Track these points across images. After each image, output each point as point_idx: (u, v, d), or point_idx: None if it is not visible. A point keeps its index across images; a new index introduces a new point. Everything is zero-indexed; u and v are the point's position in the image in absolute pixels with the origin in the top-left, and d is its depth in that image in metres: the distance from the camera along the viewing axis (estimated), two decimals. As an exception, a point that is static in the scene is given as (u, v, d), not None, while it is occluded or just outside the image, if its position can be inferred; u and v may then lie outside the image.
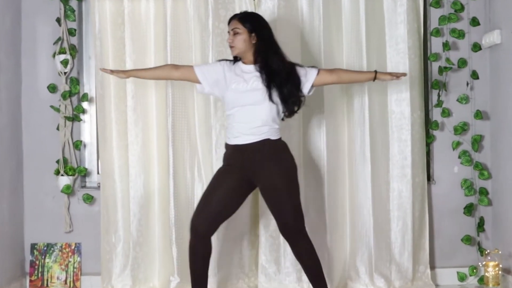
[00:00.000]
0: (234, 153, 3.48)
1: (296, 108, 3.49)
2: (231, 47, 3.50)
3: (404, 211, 4.17)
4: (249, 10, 3.99)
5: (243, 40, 3.47)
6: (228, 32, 3.51)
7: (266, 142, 3.43)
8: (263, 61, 3.45)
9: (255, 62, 3.48)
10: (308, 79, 3.51)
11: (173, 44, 4.09)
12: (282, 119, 3.52)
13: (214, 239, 3.93)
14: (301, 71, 3.52)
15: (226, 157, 3.54)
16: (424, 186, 4.20)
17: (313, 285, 3.56)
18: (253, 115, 3.42)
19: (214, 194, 3.46)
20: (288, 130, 4.14)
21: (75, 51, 4.29)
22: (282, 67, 3.46)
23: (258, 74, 3.45)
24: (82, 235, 4.30)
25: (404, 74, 3.59)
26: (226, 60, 3.62)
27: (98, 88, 4.17)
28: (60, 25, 4.28)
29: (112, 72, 3.61)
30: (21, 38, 4.34)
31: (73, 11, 4.29)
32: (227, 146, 3.53)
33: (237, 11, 4.12)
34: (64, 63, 4.23)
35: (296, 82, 3.47)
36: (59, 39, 4.26)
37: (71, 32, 4.30)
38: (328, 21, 4.16)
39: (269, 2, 4.14)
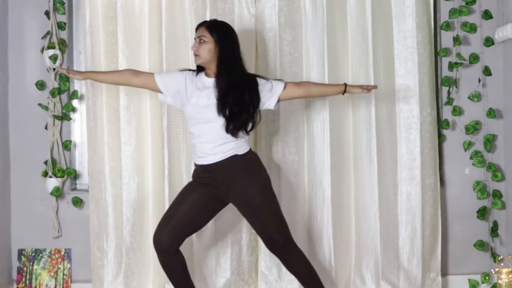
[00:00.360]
0: (202, 172, 3.37)
1: (249, 126, 3.34)
2: (195, 55, 3.35)
3: (413, 215, 4.01)
4: (251, 6, 3.92)
5: (208, 50, 3.34)
6: (195, 39, 3.35)
7: (234, 159, 3.31)
8: (222, 75, 3.31)
9: (216, 76, 3.34)
10: (273, 93, 3.37)
11: (169, 38, 3.94)
12: (247, 133, 3.36)
13: (212, 245, 3.95)
14: (265, 85, 3.36)
15: (195, 175, 3.44)
16: (436, 189, 4.03)
17: None
18: (215, 133, 3.30)
19: (178, 207, 3.36)
20: (290, 130, 4.04)
21: (64, 45, 4.18)
22: (239, 83, 3.31)
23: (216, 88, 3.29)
24: (72, 241, 4.17)
25: (375, 87, 3.45)
26: (189, 70, 3.48)
27: (88, 85, 4.00)
28: (49, 18, 4.15)
29: (68, 72, 3.47)
30: (7, 31, 4.21)
31: (62, 3, 4.16)
32: (195, 165, 3.42)
33: (236, 4, 4.02)
34: (53, 58, 4.12)
35: (253, 95, 3.33)
36: (48, 33, 4.13)
37: (60, 26, 4.21)
38: (332, 14, 4.01)
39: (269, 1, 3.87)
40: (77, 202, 4.14)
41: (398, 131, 4.06)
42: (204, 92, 3.34)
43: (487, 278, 4.12)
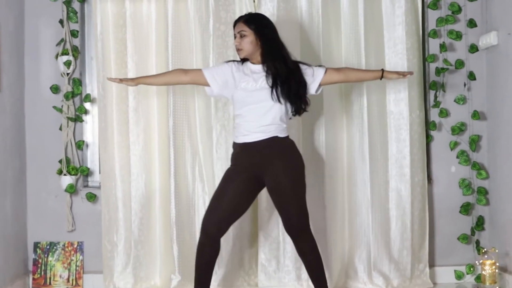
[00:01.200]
0: (242, 151, 3.46)
1: (303, 107, 3.48)
2: (238, 49, 3.48)
3: (403, 210, 4.14)
4: (252, 11, 4.00)
5: (250, 42, 3.47)
6: (234, 35, 3.48)
7: (274, 140, 3.42)
8: (269, 61, 3.44)
9: (263, 62, 3.47)
10: (315, 78, 3.50)
11: (174, 45, 4.08)
12: (290, 118, 3.52)
13: None
14: (307, 71, 3.50)
15: (234, 157, 3.52)
16: (424, 186, 4.16)
17: (313, 282, 3.53)
18: (261, 114, 3.42)
19: (224, 196, 3.45)
20: (288, 130, 4.10)
21: (77, 52, 4.31)
22: (285, 68, 3.44)
23: (265, 74, 3.43)
24: (84, 234, 4.29)
25: (411, 73, 3.58)
26: (234, 60, 3.60)
27: (100, 89, 4.14)
28: (63, 26, 4.27)
29: (121, 80, 3.56)
30: (24, 39, 4.32)
31: (75, 13, 4.28)
32: (235, 145, 3.51)
33: (238, 13, 4.11)
34: (67, 64, 4.24)
35: (301, 81, 3.46)
36: (61, 40, 4.25)
37: (73, 34, 4.30)
38: (327, 23, 4.14)
39: (269, 4, 4.11)
40: (91, 198, 4.26)
41: (389, 132, 4.19)
42: (251, 77, 3.46)
43: (472, 269, 4.24)
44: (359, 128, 4.15)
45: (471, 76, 4.29)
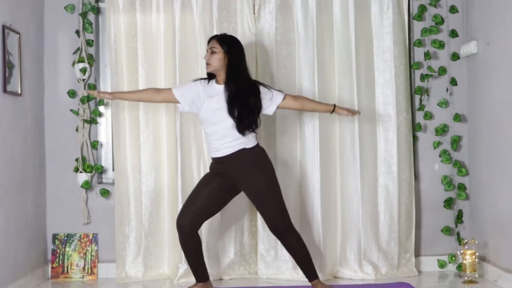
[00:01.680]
0: (217, 164, 3.69)
1: (253, 127, 3.62)
2: (207, 64, 3.67)
3: (390, 204, 4.34)
4: (252, 23, 4.29)
5: (218, 59, 3.64)
6: (207, 50, 3.68)
7: (242, 152, 3.61)
8: (231, 81, 3.62)
9: (225, 81, 3.65)
10: (273, 102, 3.68)
11: (181, 54, 4.27)
12: (253, 131, 3.64)
13: (217, 230, 4.25)
14: (267, 95, 3.65)
15: (212, 167, 3.77)
16: (411, 182, 4.36)
17: (305, 273, 3.74)
18: (225, 131, 3.60)
19: (198, 195, 3.65)
20: (285, 131, 4.37)
21: (92, 60, 4.48)
22: (245, 87, 3.62)
23: (226, 92, 3.61)
24: (99, 226, 4.48)
25: (358, 112, 3.82)
26: (202, 79, 3.79)
27: None
28: (79, 36, 4.45)
29: (98, 93, 3.81)
30: (43, 48, 4.51)
31: (90, 23, 4.47)
32: (212, 158, 3.76)
33: (239, 24, 4.34)
34: (83, 71, 4.42)
35: (256, 102, 3.62)
36: (78, 49, 4.42)
37: (89, 43, 4.48)
38: (321, 32, 4.34)
39: (268, 15, 4.33)
40: (105, 193, 4.45)
41: (378, 133, 4.40)
42: (215, 98, 3.65)
43: (453, 258, 4.43)
44: (351, 129, 4.34)
45: (453, 82, 4.49)
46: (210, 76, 3.74)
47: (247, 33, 4.35)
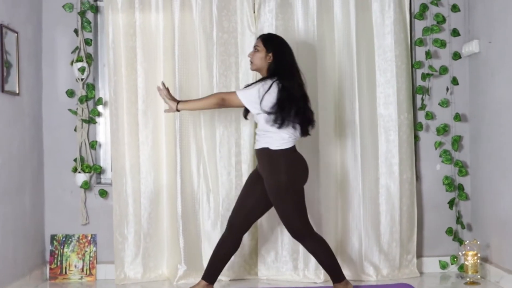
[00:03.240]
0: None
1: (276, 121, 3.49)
2: (250, 62, 3.64)
3: (392, 205, 4.24)
4: (253, 21, 4.18)
5: (260, 58, 3.58)
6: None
7: (263, 151, 3.52)
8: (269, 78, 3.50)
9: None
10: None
11: (181, 53, 4.17)
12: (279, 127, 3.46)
13: (217, 231, 4.14)
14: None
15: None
16: (413, 183, 4.26)
17: (329, 275, 3.66)
18: (258, 124, 3.62)
19: (251, 196, 3.64)
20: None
21: (91, 59, 4.39)
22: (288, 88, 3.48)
23: None
24: (97, 227, 4.37)
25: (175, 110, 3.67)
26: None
27: (111, 93, 4.23)
28: (77, 35, 4.35)
29: (167, 95, 3.63)
30: (42, 47, 4.41)
31: (89, 22, 4.36)
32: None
33: (239, 23, 4.24)
34: (81, 70, 4.32)
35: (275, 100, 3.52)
36: (76, 48, 4.33)
37: (87, 42, 4.38)
38: (322, 32, 4.23)
39: (268, 14, 4.22)
40: (103, 194, 4.34)
41: (379, 133, 4.29)
42: None
43: (455, 259, 4.33)
44: (351, 130, 4.24)
45: (454, 81, 4.39)
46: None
47: (247, 32, 4.27)
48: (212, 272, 3.62)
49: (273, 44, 3.56)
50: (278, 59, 3.51)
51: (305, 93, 3.55)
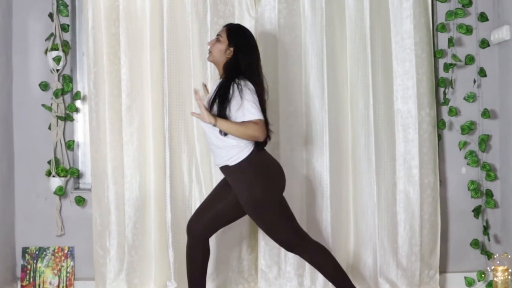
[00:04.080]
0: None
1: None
2: (208, 52, 3.26)
3: (411, 213, 3.87)
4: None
5: (219, 50, 3.21)
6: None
7: (226, 169, 3.25)
8: (222, 78, 3.16)
9: (221, 75, 3.23)
10: (238, 115, 3.22)
11: (170, 40, 3.81)
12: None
13: (212, 243, 3.71)
14: (236, 99, 3.21)
15: None
16: (436, 188, 3.86)
17: (335, 286, 3.31)
18: (208, 136, 3.29)
19: (216, 202, 3.33)
20: (290, 130, 3.96)
21: (68, 47, 4.04)
22: (222, 84, 3.10)
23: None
24: (75, 239, 4.03)
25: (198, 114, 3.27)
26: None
27: (91, 86, 3.86)
28: (52, 20, 3.99)
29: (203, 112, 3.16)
30: (12, 34, 4.05)
31: (66, 6, 4.01)
32: None
33: (237, 6, 3.90)
34: (57, 60, 3.98)
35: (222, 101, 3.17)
36: (51, 35, 3.98)
37: (64, 28, 4.05)
38: (330, 16, 3.86)
39: None
40: (80, 201, 4.00)
41: (396, 131, 3.93)
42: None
43: (483, 276, 3.99)
44: (365, 127, 3.89)
45: (482, 72, 4.01)
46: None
47: (245, 17, 3.91)
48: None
49: (237, 38, 3.18)
50: (241, 55, 3.14)
51: (264, 99, 3.22)
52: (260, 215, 3.18)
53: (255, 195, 3.12)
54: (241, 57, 3.16)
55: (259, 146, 3.17)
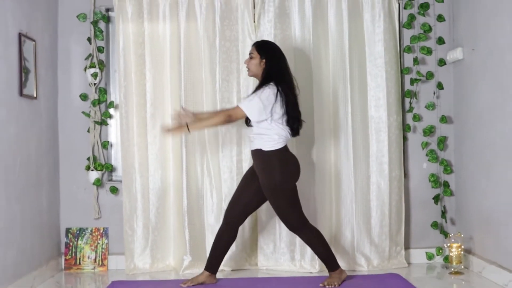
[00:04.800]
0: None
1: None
2: (247, 69, 3.75)
3: (382, 201, 4.37)
4: (254, 31, 4.32)
5: (255, 64, 3.68)
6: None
7: (258, 152, 3.68)
8: (262, 82, 3.65)
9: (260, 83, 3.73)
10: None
11: (186, 60, 4.31)
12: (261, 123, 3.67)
13: (220, 225, 4.13)
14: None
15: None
16: (401, 180, 4.39)
17: (325, 264, 3.80)
18: (253, 126, 3.79)
19: (247, 190, 3.77)
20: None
21: (103, 65, 4.52)
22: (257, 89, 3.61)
23: None
24: (109, 221, 4.51)
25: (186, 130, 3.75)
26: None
27: (121, 97, 4.37)
28: (90, 43, 4.47)
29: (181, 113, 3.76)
30: (57, 54, 4.54)
31: (101, 31, 4.50)
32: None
33: (240, 32, 4.37)
34: (94, 75, 4.46)
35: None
36: (89, 55, 4.45)
37: (99, 50, 4.52)
38: (317, 39, 4.37)
39: (267, 24, 4.37)
40: (114, 190, 4.48)
41: (370, 134, 4.43)
42: None
43: (440, 251, 4.46)
44: (344, 131, 4.38)
45: (440, 86, 4.54)
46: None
47: (247, 40, 4.39)
48: (213, 263, 3.76)
49: (265, 50, 3.67)
50: (271, 64, 3.63)
51: (295, 95, 3.65)
52: (276, 198, 3.59)
53: (275, 179, 3.56)
54: (272, 65, 3.60)
55: (293, 135, 3.66)
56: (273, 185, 3.56)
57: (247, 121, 3.72)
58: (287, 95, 3.57)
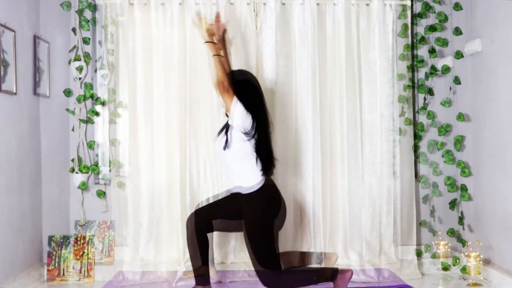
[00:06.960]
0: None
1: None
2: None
3: (373, 200, 6.07)
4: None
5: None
6: None
7: (236, 196, 4.75)
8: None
9: None
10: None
11: (191, 63, 5.69)
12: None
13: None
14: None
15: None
16: (390, 180, 5.69)
17: (326, 281, 4.29)
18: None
19: (219, 210, 4.56)
20: (283, 138, 5.10)
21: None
22: None
23: None
24: (115, 214, 5.49)
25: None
26: None
27: (130, 97, 5.87)
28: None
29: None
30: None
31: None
32: None
33: (243, 37, 5.30)
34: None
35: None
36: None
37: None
38: (315, 47, 5.12)
39: (269, 30, 5.47)
40: (120, 185, 4.78)
41: (363, 137, 5.86)
42: None
43: (429, 248, 5.39)
44: (340, 134, 5.76)
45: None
46: None
47: (250, 45, 5.39)
48: (202, 254, 4.72)
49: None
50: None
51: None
52: (251, 235, 4.29)
53: (255, 220, 4.24)
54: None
55: (267, 171, 4.55)
56: (252, 224, 3.89)
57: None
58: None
